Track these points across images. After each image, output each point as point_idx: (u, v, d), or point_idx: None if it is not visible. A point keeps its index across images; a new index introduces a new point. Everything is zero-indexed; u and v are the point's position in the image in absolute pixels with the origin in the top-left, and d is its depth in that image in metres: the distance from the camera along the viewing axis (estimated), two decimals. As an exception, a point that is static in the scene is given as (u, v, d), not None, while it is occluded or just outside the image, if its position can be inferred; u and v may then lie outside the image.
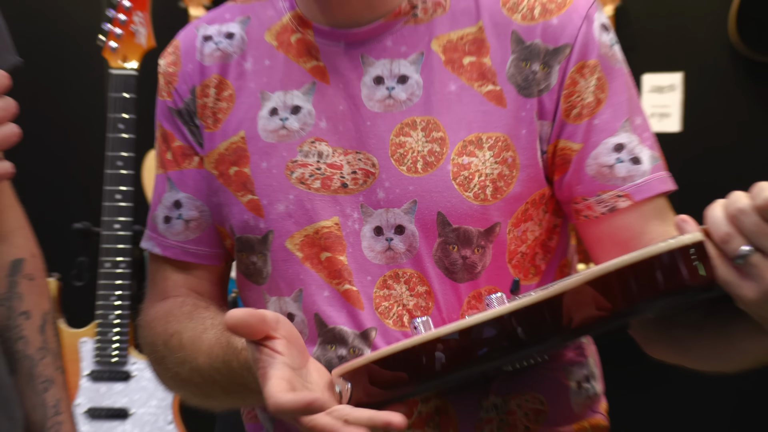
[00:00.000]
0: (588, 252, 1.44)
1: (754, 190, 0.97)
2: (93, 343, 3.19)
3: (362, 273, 1.37)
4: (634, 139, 1.37)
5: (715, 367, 1.25)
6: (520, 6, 1.39)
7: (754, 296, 0.98)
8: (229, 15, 1.51)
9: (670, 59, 3.72)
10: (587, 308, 1.08)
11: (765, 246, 0.96)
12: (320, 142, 1.40)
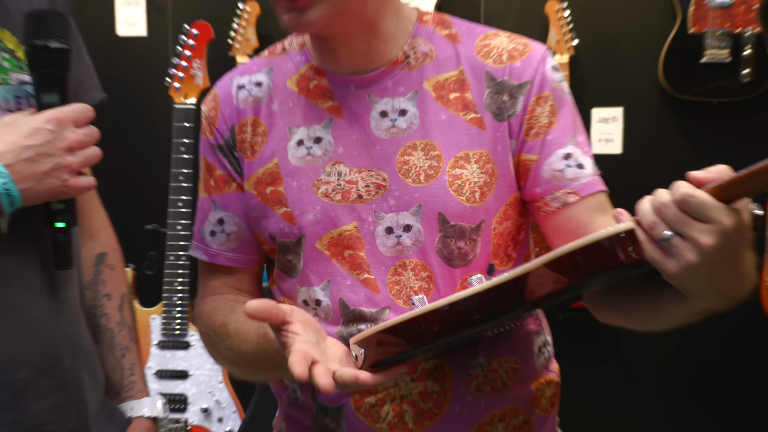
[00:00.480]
0: (547, 241, 1.44)
1: (673, 188, 1.01)
2: (160, 319, 3.25)
3: (378, 264, 1.37)
4: (578, 151, 1.39)
5: (649, 327, 1.28)
6: (491, 53, 1.42)
7: (675, 270, 1.01)
8: (256, 67, 1.50)
9: (612, 97, 3.69)
10: (546, 284, 1.10)
11: (682, 231, 0.99)
12: (339, 164, 1.40)
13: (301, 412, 1.46)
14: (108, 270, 1.52)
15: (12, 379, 1.22)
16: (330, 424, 1.40)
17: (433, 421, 1.36)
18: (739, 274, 1.06)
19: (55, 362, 1.28)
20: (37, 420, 1.24)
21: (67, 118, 1.21)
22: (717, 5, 3.50)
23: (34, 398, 1.24)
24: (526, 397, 1.42)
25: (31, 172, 1.17)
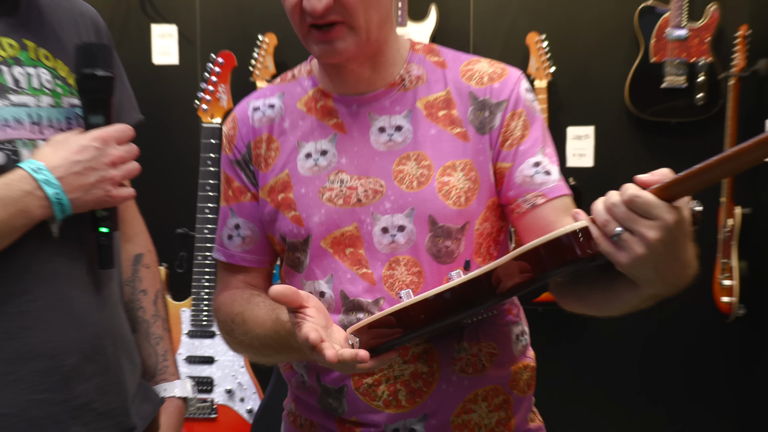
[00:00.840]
0: (520, 238, 1.41)
1: (622, 190, 1.02)
2: (190, 311, 3.24)
3: (374, 260, 1.37)
4: (546, 160, 1.40)
5: (607, 312, 1.27)
6: (473, 76, 1.43)
7: (626, 261, 1.03)
8: (269, 92, 1.50)
9: (585, 117, 3.67)
10: (514, 276, 1.12)
11: (631, 227, 1.01)
12: (342, 172, 1.40)
13: (308, 394, 1.46)
14: (144, 269, 1.51)
15: (62, 364, 1.21)
16: (333, 403, 1.40)
17: (423, 398, 1.36)
18: (682, 263, 1.07)
19: (98, 349, 1.28)
20: (83, 400, 1.24)
21: (111, 136, 1.23)
22: (674, 38, 3.52)
23: (81, 381, 1.24)
24: (505, 379, 1.42)
25: (80, 184, 1.18)
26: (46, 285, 1.22)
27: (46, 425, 1.20)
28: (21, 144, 1.20)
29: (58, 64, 1.31)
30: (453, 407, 1.38)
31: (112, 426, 1.29)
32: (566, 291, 1.34)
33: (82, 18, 1.41)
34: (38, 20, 1.31)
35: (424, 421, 1.37)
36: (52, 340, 1.22)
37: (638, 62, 3.58)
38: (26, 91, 1.24)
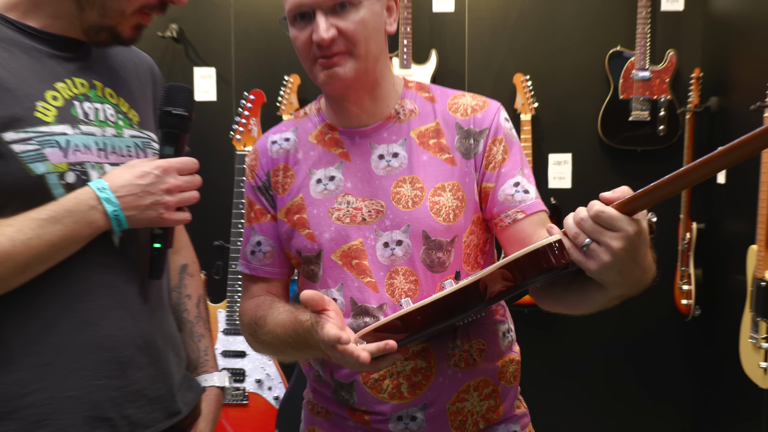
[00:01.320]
0: (503, 249, 1.44)
1: (588, 206, 1.03)
2: (225, 312, 3.23)
3: (377, 270, 1.36)
4: (524, 180, 1.39)
5: (579, 311, 1.27)
6: (459, 109, 1.43)
7: (595, 268, 1.04)
8: (285, 128, 1.50)
9: (564, 145, 3.67)
10: (499, 284, 1.12)
11: (597, 238, 1.02)
12: (348, 195, 1.40)
13: (324, 387, 1.45)
14: (189, 277, 1.52)
15: (119, 355, 1.22)
16: (345, 395, 1.40)
17: (422, 390, 1.36)
18: (642, 267, 1.07)
19: (150, 344, 1.28)
20: (137, 386, 1.25)
21: (172, 167, 1.22)
22: (639, 78, 3.53)
23: (135, 370, 1.25)
24: (494, 372, 1.41)
25: (136, 204, 1.18)
26: (107, 287, 1.23)
27: (106, 407, 1.21)
28: (89, 166, 1.21)
29: (120, 101, 1.32)
30: (449, 397, 1.38)
31: (161, 410, 1.29)
32: (544, 294, 1.34)
33: (141, 63, 1.43)
34: (105, 64, 1.33)
35: (423, 410, 1.37)
36: (111, 335, 1.23)
37: (609, 99, 3.58)
38: (93, 123, 1.25)
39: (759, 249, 2.63)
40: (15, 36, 1.21)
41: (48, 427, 1.17)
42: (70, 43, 1.26)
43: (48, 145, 1.17)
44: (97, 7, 1.21)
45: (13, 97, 1.15)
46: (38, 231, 1.12)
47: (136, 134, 1.32)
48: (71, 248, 1.16)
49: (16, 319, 1.17)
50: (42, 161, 1.16)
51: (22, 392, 1.16)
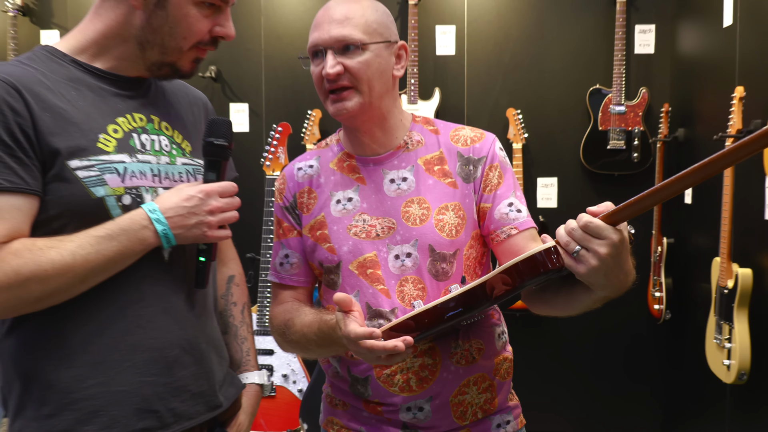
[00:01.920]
0: (498, 261, 1.39)
1: (578, 218, 1.06)
2: (255, 315, 3.20)
3: (390, 279, 1.36)
4: (517, 201, 1.40)
5: (567, 313, 1.27)
6: (460, 140, 1.44)
7: (584, 271, 1.06)
8: (309, 156, 1.50)
9: (550, 170, 3.67)
10: (501, 286, 1.13)
11: (586, 245, 1.04)
12: (364, 214, 1.40)
13: (341, 382, 1.45)
14: (235, 286, 1.50)
15: (167, 356, 1.22)
16: (361, 389, 1.39)
17: (429, 384, 1.35)
18: (624, 271, 1.09)
19: (194, 345, 1.28)
20: (181, 383, 1.24)
21: (214, 191, 1.22)
22: (616, 112, 3.53)
23: (180, 368, 1.24)
24: (490, 368, 1.41)
25: (182, 224, 1.18)
26: (157, 296, 1.23)
27: (153, 401, 1.21)
28: (144, 190, 1.22)
29: (175, 133, 1.33)
30: (451, 390, 1.37)
31: (203, 403, 1.29)
32: (536, 298, 1.34)
33: (196, 101, 1.44)
34: (163, 101, 1.34)
35: (430, 402, 1.36)
36: (160, 337, 1.23)
37: (589, 130, 3.58)
38: (149, 152, 1.26)
39: (722, 261, 2.62)
40: (83, 76, 1.22)
41: (102, 417, 1.17)
42: (132, 82, 1.28)
43: (108, 171, 1.18)
44: (158, 46, 1.22)
45: (78, 130, 1.17)
46: (96, 247, 1.12)
47: (188, 162, 1.33)
48: (125, 262, 1.17)
49: (76, 322, 1.17)
50: (102, 185, 1.17)
51: (80, 386, 1.17)
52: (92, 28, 1.25)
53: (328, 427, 1.49)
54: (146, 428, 1.20)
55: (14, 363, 1.19)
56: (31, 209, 1.13)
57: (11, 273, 1.08)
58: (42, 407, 1.16)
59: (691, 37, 3.37)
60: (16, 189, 1.10)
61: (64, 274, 1.10)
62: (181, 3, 1.20)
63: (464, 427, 1.39)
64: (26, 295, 1.10)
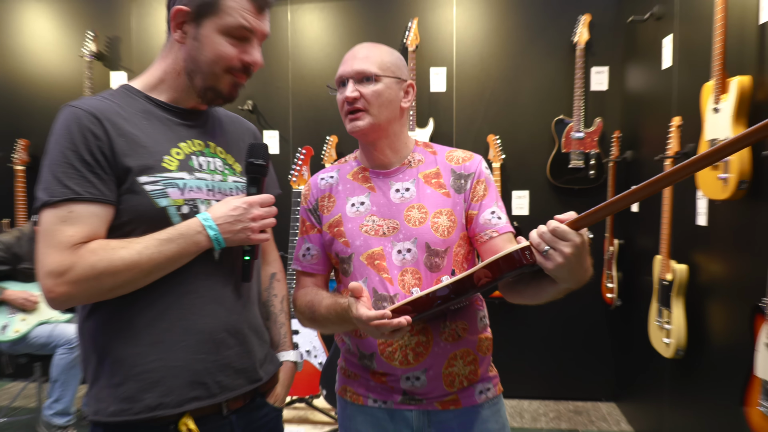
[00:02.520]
0: (481, 258, 1.41)
1: (548, 223, 1.07)
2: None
3: (393, 270, 1.34)
4: (498, 210, 1.39)
5: (536, 301, 1.26)
6: (453, 159, 1.43)
7: (551, 267, 1.07)
8: (330, 169, 1.49)
9: (523, 184, 3.66)
10: (484, 277, 1.13)
11: (554, 246, 1.06)
12: (373, 216, 1.38)
13: (352, 356, 1.43)
14: (276, 282, 1.47)
15: (215, 338, 1.21)
16: (367, 362, 1.38)
17: (423, 358, 1.34)
18: (584, 268, 1.09)
19: (238, 329, 1.26)
20: (226, 360, 1.23)
21: (255, 202, 1.22)
22: (576, 138, 3.53)
23: (226, 349, 1.23)
24: (473, 345, 1.40)
25: (230, 229, 1.18)
26: (208, 288, 1.21)
27: (202, 375, 1.19)
28: (200, 202, 1.21)
29: (228, 156, 1.31)
30: (442, 363, 1.36)
31: (244, 378, 1.27)
32: (510, 289, 1.33)
33: (247, 130, 1.42)
34: (218, 129, 1.33)
35: (425, 373, 1.35)
36: (209, 322, 1.21)
37: (554, 152, 3.58)
38: (205, 171, 1.24)
39: (662, 258, 2.62)
40: (153, 109, 1.23)
41: (160, 387, 1.16)
42: (192, 113, 1.27)
43: (170, 186, 1.18)
44: (199, 74, 1.21)
45: (147, 152, 1.17)
46: (159, 248, 1.13)
47: (237, 180, 1.31)
48: (182, 261, 1.17)
49: (141, 309, 1.17)
50: (165, 197, 1.17)
51: (142, 361, 1.16)
52: (158, 68, 1.25)
53: (343, 394, 1.47)
54: (196, 397, 1.19)
55: (92, 340, 1.19)
56: (107, 216, 1.14)
57: (89, 267, 1.09)
58: (112, 377, 1.16)
59: (637, 76, 3.37)
60: (95, 199, 1.11)
61: (131, 269, 1.11)
62: (210, 33, 1.19)
63: (453, 393, 1.38)
64: (100, 285, 1.11)
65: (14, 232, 3.27)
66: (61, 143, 1.11)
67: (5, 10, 4.04)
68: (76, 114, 1.13)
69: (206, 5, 1.18)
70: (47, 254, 1.10)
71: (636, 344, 3.28)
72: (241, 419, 1.27)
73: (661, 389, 2.90)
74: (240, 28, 1.20)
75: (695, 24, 2.54)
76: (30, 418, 3.46)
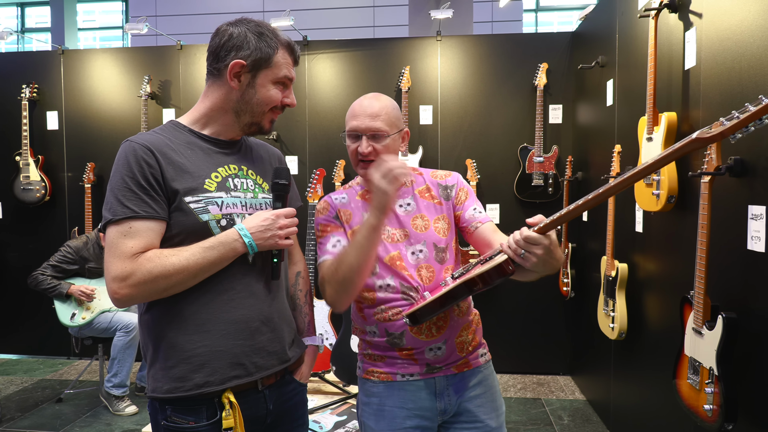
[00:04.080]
0: (474, 247, 1.40)
1: (521, 231, 1.08)
2: None
3: (410, 268, 1.32)
4: (479, 206, 1.39)
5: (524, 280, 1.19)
6: (437, 176, 1.43)
7: (529, 265, 1.07)
8: (339, 193, 1.43)
9: (495, 199, 3.66)
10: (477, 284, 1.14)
11: (527, 249, 1.06)
12: (387, 226, 1.35)
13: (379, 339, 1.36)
14: (301, 279, 1.43)
15: (251, 326, 1.19)
16: (397, 341, 1.33)
17: (443, 330, 1.32)
18: (556, 259, 1.09)
19: (270, 318, 1.23)
20: (261, 345, 1.21)
21: (281, 214, 1.21)
22: (537, 161, 3.53)
23: (259, 335, 1.21)
24: (471, 320, 1.38)
25: (262, 237, 1.17)
26: (244, 285, 1.20)
27: (241, 357, 1.18)
28: (236, 216, 1.20)
29: (257, 177, 1.29)
30: (455, 334, 1.34)
31: (276, 359, 1.24)
32: None
33: (273, 155, 1.39)
34: (250, 156, 1.31)
35: (445, 343, 1.33)
36: (246, 313, 1.19)
37: (520, 173, 3.58)
38: (239, 190, 1.22)
39: (607, 258, 2.62)
40: (196, 140, 1.22)
41: (206, 368, 1.14)
42: (228, 143, 1.26)
43: (210, 204, 1.16)
44: (249, 113, 1.21)
45: (191, 177, 1.16)
46: (203, 254, 1.12)
47: (266, 197, 1.28)
48: (223, 264, 1.15)
49: (189, 303, 1.14)
50: (207, 213, 1.16)
51: (191, 346, 1.14)
52: (203, 106, 1.24)
53: (369, 375, 1.40)
54: (236, 375, 1.18)
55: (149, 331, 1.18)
56: (161, 230, 1.13)
57: (147, 272, 1.09)
58: (167, 361, 1.16)
59: (586, 112, 3.38)
60: (151, 216, 1.11)
61: (181, 272, 1.10)
62: (265, 83, 1.20)
63: (463, 357, 1.37)
64: (156, 287, 1.10)
65: (82, 238, 3.28)
66: (121, 171, 1.12)
67: (80, 59, 4.06)
68: (134, 147, 1.13)
69: (262, 60, 1.19)
70: (112, 263, 1.09)
71: (587, 328, 3.27)
72: (273, 393, 1.26)
73: (608, 365, 2.88)
74: (285, 78, 1.23)
75: (632, 70, 2.55)
76: (93, 389, 3.46)
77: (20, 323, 4.13)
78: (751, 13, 1.63)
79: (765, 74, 1.56)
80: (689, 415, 1.72)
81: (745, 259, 1.61)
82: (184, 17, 7.76)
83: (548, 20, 8.56)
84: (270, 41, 1.20)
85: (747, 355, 1.60)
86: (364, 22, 7.51)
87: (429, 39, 3.75)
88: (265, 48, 1.19)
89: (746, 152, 1.62)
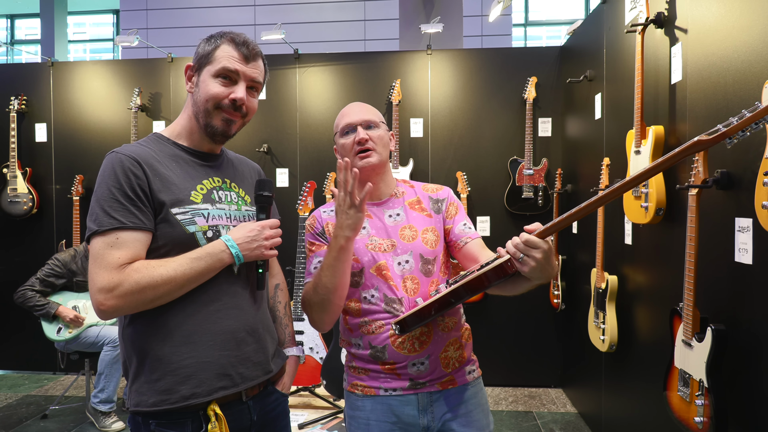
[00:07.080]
0: (459, 263, 1.39)
1: (521, 235, 1.07)
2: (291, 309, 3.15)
3: (396, 278, 1.31)
4: (469, 222, 1.40)
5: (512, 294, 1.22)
6: (428, 189, 1.44)
7: (526, 270, 1.06)
8: (330, 205, 1.43)
9: (486, 211, 3.67)
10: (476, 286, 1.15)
11: (527, 253, 1.06)
12: (375, 236, 1.35)
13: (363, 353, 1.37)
14: (280, 291, 1.42)
15: (236, 337, 1.19)
16: (380, 354, 1.33)
17: (426, 345, 1.31)
18: (552, 266, 1.08)
19: (255, 329, 1.24)
20: (246, 356, 1.21)
21: (266, 225, 1.22)
22: (527, 174, 3.55)
23: (245, 346, 1.21)
24: (459, 334, 1.38)
25: (248, 247, 1.17)
26: (229, 296, 1.20)
27: (227, 368, 1.18)
28: (221, 227, 1.20)
29: (240, 190, 1.30)
30: (440, 349, 1.33)
31: (261, 370, 1.25)
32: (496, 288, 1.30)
33: (253, 169, 1.40)
34: (231, 168, 1.32)
35: (428, 358, 1.32)
36: (232, 324, 1.18)
37: (510, 185, 3.60)
38: (224, 202, 1.23)
39: (597, 270, 2.63)
40: (180, 153, 1.22)
41: (193, 380, 1.14)
42: (210, 156, 1.27)
43: (197, 215, 1.16)
44: (201, 113, 1.21)
45: (177, 188, 1.16)
46: (191, 265, 1.12)
47: (248, 209, 1.29)
48: (210, 275, 1.15)
49: (175, 314, 1.14)
50: (193, 224, 1.15)
51: (177, 358, 1.14)
52: (181, 118, 1.26)
53: (353, 389, 1.41)
54: (223, 387, 1.17)
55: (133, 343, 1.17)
56: (147, 241, 1.13)
57: (134, 283, 1.08)
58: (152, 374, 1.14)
59: (575, 125, 3.41)
60: (138, 227, 1.11)
61: (168, 283, 1.10)
62: (205, 78, 1.20)
63: (449, 374, 1.35)
64: (144, 298, 1.09)
65: (70, 251, 3.24)
66: (108, 182, 1.11)
67: (69, 71, 4.04)
68: (120, 158, 1.13)
69: (204, 57, 1.21)
70: (98, 273, 1.08)
71: (578, 341, 3.27)
72: (257, 404, 1.25)
73: (599, 377, 2.88)
74: (225, 70, 1.19)
75: (620, 84, 2.58)
76: (79, 405, 3.39)
77: (5, 338, 4.06)
78: (735, 29, 1.66)
79: (749, 88, 1.58)
80: (680, 427, 1.71)
81: (732, 271, 1.62)
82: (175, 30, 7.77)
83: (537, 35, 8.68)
84: (215, 40, 1.21)
85: (736, 367, 1.61)
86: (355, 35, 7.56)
87: (419, 53, 3.78)
88: (208, 47, 1.21)
89: (732, 165, 1.64)
